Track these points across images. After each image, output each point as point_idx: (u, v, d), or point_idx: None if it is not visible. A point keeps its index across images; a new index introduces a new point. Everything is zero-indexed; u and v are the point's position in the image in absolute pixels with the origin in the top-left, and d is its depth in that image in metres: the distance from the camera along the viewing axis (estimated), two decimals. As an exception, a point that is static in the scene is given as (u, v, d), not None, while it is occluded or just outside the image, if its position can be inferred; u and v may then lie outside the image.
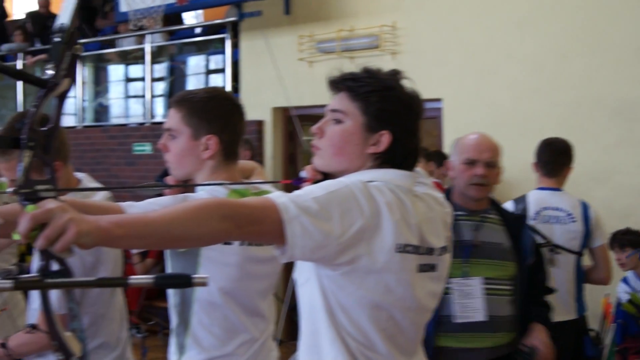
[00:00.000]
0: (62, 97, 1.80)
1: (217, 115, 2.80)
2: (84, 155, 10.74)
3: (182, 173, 2.87)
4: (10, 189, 1.74)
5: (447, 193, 3.91)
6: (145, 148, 10.43)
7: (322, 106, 7.24)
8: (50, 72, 1.75)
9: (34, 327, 3.00)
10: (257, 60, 9.49)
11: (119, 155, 10.60)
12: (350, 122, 2.29)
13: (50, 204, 1.64)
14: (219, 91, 2.93)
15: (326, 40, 8.79)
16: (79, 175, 3.26)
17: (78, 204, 2.45)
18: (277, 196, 2.04)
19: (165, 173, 8.60)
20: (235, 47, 9.89)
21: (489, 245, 3.78)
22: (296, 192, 2.11)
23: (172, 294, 2.84)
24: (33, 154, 1.75)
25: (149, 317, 8.61)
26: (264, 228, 2.00)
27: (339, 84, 2.34)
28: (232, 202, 1.99)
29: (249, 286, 2.80)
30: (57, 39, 1.77)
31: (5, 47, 12.95)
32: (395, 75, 2.34)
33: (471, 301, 3.68)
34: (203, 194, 2.74)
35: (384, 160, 2.29)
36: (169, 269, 2.79)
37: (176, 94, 2.92)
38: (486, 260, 3.76)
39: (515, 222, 3.96)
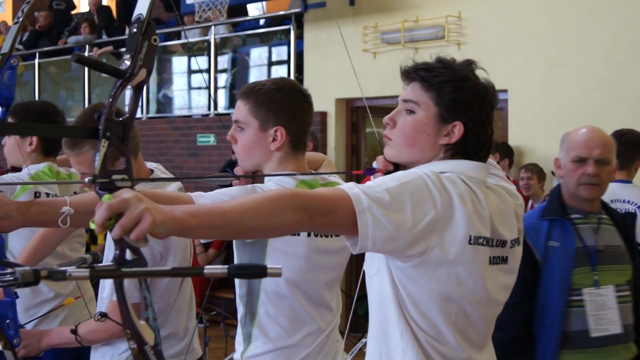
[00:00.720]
0: (139, 88, 1.81)
1: (284, 107, 2.79)
2: (148, 146, 10.84)
3: (250, 164, 2.86)
4: (86, 179, 1.75)
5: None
6: (209, 139, 10.50)
7: (386, 97, 7.25)
8: (127, 62, 1.76)
9: (103, 315, 3.03)
10: (320, 52, 9.48)
11: (183, 147, 10.69)
12: (422, 113, 2.26)
13: (126, 194, 1.65)
14: (286, 82, 2.92)
15: (391, 31, 8.75)
16: (151, 165, 3.28)
17: (149, 194, 2.47)
18: (349, 187, 2.03)
19: (229, 164, 8.67)
20: (299, 38, 9.90)
21: (611, 249, 3.54)
22: (368, 183, 2.09)
23: (239, 284, 2.85)
24: (109, 144, 1.76)
25: (211, 307, 8.68)
26: (336, 219, 1.99)
27: (412, 73, 2.31)
28: (305, 193, 1.98)
29: (316, 277, 2.80)
30: (134, 30, 1.77)
31: (73, 39, 13.14)
32: (469, 65, 2.31)
33: (606, 312, 3.43)
34: (271, 185, 2.74)
35: (457, 151, 2.26)
36: (236, 259, 2.80)
37: (244, 86, 2.91)
38: (612, 266, 3.51)
39: (626, 221, 3.70)
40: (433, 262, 2.11)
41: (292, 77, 9.77)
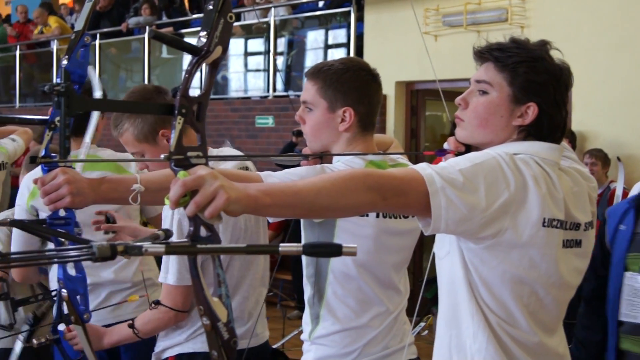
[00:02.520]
0: (215, 65, 1.80)
1: (352, 87, 2.77)
2: (207, 127, 10.84)
3: (319, 145, 2.85)
4: (161, 156, 1.76)
5: None
6: (268, 121, 10.53)
7: (447, 81, 7.19)
8: (203, 39, 1.76)
9: (157, 303, 3.06)
10: (381, 34, 9.44)
11: (241, 128, 10.73)
12: (496, 94, 2.23)
13: (201, 171, 1.65)
14: (354, 62, 2.89)
15: (453, 13, 8.68)
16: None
17: (221, 172, 2.48)
18: (422, 168, 2.01)
19: (289, 146, 8.68)
20: (359, 20, 9.86)
21: None
22: (441, 164, 2.07)
23: (306, 265, 2.84)
24: (185, 121, 1.76)
25: (269, 288, 8.75)
26: (409, 200, 1.97)
27: (485, 54, 2.28)
28: (379, 173, 1.97)
29: (384, 259, 2.78)
30: (210, 7, 1.77)
31: (133, 20, 13.24)
32: (543, 45, 2.28)
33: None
34: (340, 165, 2.73)
35: (530, 132, 2.23)
36: (304, 240, 2.79)
37: (312, 66, 2.90)
38: None
39: None
40: (506, 244, 2.09)
41: (352, 60, 9.73)
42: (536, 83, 2.21)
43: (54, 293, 3.71)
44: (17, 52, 15.21)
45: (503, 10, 8.25)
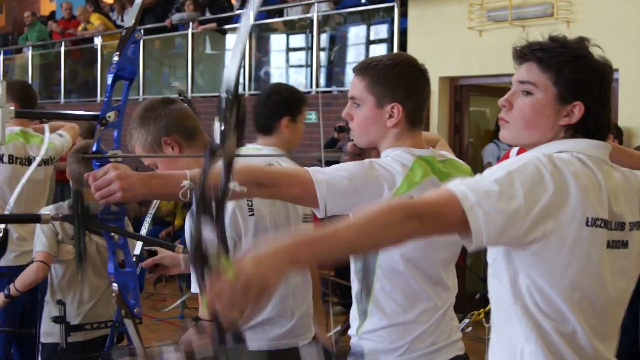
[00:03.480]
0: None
1: (400, 83, 2.76)
2: (250, 124, 10.92)
3: (366, 141, 2.85)
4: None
5: None
6: (310, 117, 10.50)
7: (491, 76, 7.13)
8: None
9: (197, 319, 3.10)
10: (424, 30, 9.40)
11: (284, 123, 10.75)
12: (541, 94, 2.22)
13: (246, 267, 1.67)
14: (402, 57, 2.88)
15: (497, 8, 8.61)
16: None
17: (260, 170, 2.52)
18: (455, 185, 2.00)
19: (332, 141, 8.64)
20: (402, 16, 9.83)
21: None
22: (476, 177, 2.06)
23: (354, 260, 2.84)
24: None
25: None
26: (448, 221, 1.97)
27: (528, 54, 2.26)
28: (413, 202, 1.96)
29: (432, 255, 2.77)
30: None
31: (177, 16, 13.32)
32: (583, 43, 2.26)
33: None
34: (388, 160, 2.72)
35: (577, 131, 2.21)
36: None
37: (360, 62, 2.89)
38: None
39: None
40: (553, 247, 2.06)
41: (394, 55, 9.71)
42: (581, 82, 2.20)
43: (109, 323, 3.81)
44: (62, 49, 15.37)
45: (548, 5, 8.17)
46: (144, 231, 3.95)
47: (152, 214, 3.93)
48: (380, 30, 10.68)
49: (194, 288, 3.04)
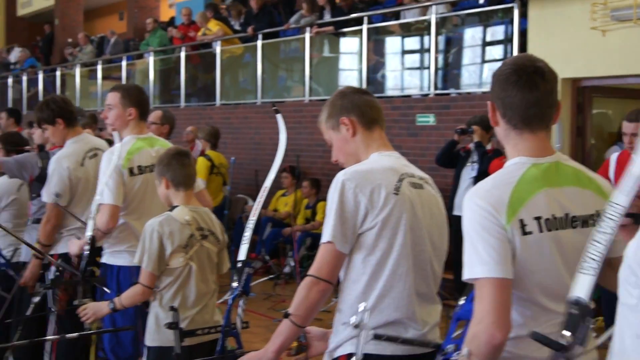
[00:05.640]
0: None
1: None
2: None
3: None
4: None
5: None
6: (429, 119, 10.48)
7: (615, 77, 6.94)
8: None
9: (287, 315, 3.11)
10: (546, 30, 9.24)
11: (402, 126, 10.71)
12: None
13: None
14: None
15: (622, 7, 8.38)
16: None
17: None
18: None
19: (451, 144, 8.54)
20: (522, 16, 9.68)
21: None
22: None
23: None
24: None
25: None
26: None
27: None
28: None
29: (559, 271, 2.70)
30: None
31: (294, 18, 13.43)
32: None
33: None
34: (508, 163, 2.72)
35: None
36: None
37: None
38: None
39: None
40: None
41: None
42: None
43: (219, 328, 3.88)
44: (182, 54, 15.69)
45: (676, 3, 7.92)
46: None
47: (253, 221, 3.96)
48: (496, 32, 10.54)
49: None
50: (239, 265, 3.78)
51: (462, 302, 2.86)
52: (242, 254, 3.74)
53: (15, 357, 5.78)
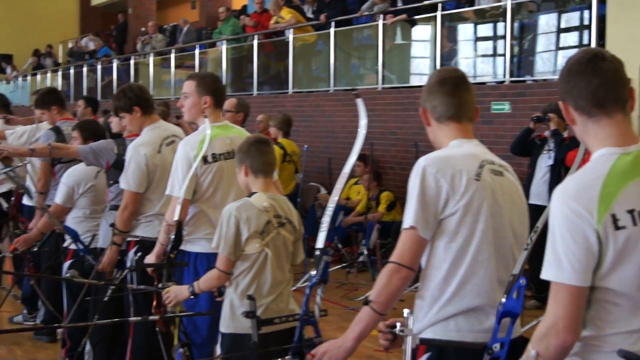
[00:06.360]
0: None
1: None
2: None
3: None
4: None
5: None
6: (504, 107, 10.34)
7: None
8: None
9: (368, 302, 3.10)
10: (626, 15, 9.03)
11: (476, 114, 10.59)
12: None
13: None
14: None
15: None
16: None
17: None
18: None
19: (527, 132, 8.41)
20: (601, 2, 9.48)
21: None
22: None
23: None
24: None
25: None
26: None
27: None
28: None
29: None
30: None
31: (366, 5, 13.37)
32: None
33: None
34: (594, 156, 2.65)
35: None
36: None
37: None
38: None
39: None
40: None
41: (593, 43, 9.39)
42: None
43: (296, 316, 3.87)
44: (255, 42, 15.74)
45: None
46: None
47: (332, 208, 3.91)
48: (571, 18, 10.37)
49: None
50: (317, 253, 3.76)
51: (504, 300, 2.85)
52: (319, 242, 3.72)
53: (92, 342, 5.88)
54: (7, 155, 6.64)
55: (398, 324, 2.90)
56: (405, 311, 2.87)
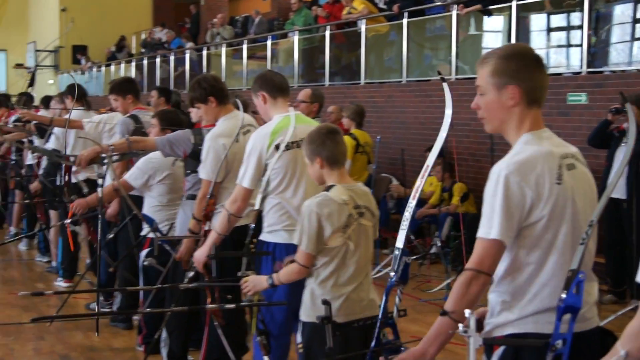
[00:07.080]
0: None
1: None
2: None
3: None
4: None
5: None
6: (581, 98, 10.16)
7: None
8: None
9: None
10: None
11: (552, 105, 10.40)
12: None
13: None
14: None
15: None
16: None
17: None
18: None
19: (605, 124, 8.25)
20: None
21: None
22: None
23: None
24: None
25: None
26: None
27: None
28: None
29: None
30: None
31: (439, -4, 13.29)
32: None
33: None
34: None
35: None
36: None
37: None
38: None
39: None
40: None
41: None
42: None
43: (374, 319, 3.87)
44: (327, 33, 15.73)
45: None
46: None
47: (413, 204, 3.86)
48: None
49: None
50: (396, 252, 3.74)
51: (564, 295, 2.81)
52: (399, 241, 3.69)
53: (168, 329, 5.95)
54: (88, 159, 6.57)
55: (460, 325, 2.88)
56: (467, 312, 2.84)
